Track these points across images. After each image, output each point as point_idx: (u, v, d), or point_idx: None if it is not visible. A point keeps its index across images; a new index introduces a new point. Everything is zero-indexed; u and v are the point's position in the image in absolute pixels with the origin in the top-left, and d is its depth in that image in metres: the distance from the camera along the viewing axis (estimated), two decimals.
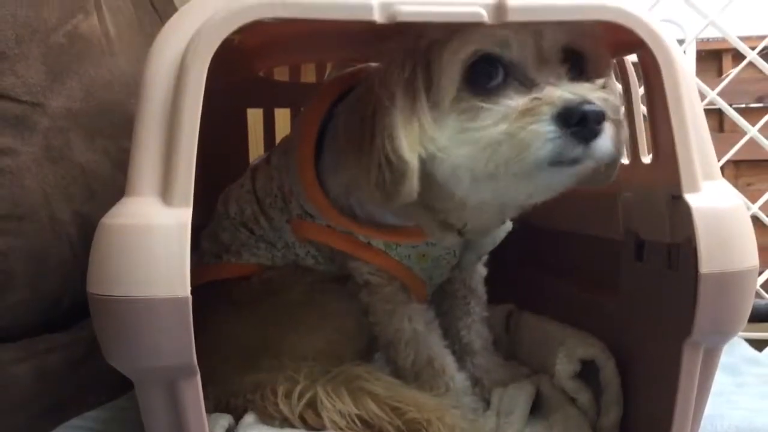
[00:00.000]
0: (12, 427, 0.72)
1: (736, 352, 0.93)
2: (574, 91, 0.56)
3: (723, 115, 1.56)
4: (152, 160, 0.51)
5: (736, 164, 1.81)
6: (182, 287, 0.48)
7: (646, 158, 0.67)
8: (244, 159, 1.11)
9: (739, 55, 1.25)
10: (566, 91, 0.56)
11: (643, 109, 0.67)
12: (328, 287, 0.78)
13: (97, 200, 0.81)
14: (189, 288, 0.48)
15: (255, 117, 1.14)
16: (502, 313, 0.92)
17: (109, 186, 0.82)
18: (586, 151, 0.56)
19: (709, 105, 1.20)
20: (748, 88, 1.78)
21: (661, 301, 0.62)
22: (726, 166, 1.49)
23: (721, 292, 0.55)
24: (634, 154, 0.68)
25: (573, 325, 0.78)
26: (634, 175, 0.68)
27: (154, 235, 0.49)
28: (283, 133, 1.08)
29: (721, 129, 1.82)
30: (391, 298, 0.75)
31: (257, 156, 1.08)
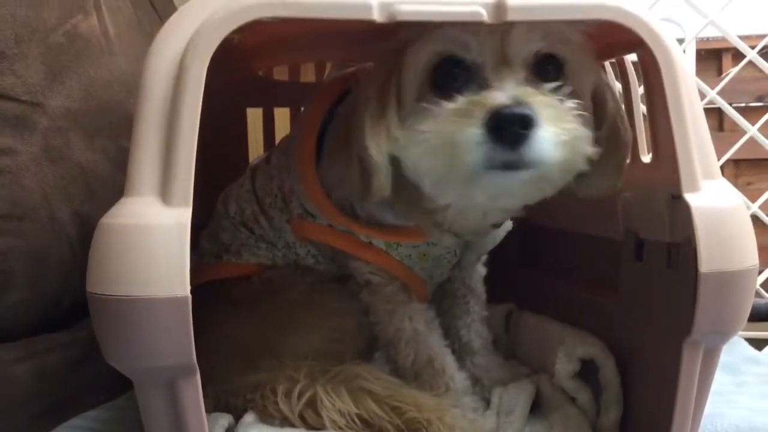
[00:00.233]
0: (12, 427, 0.72)
1: (736, 351, 0.92)
2: (515, 95, 0.55)
3: (723, 114, 1.56)
4: (152, 159, 0.51)
5: (736, 163, 1.80)
6: (182, 287, 0.48)
7: (646, 158, 0.67)
8: (244, 158, 1.11)
9: (738, 54, 1.25)
10: (506, 95, 0.55)
11: (643, 109, 0.67)
12: (328, 287, 0.78)
13: (97, 200, 0.81)
14: (189, 288, 0.48)
15: (254, 116, 1.13)
16: (502, 313, 0.92)
17: (109, 186, 0.82)
18: (517, 156, 0.54)
19: (709, 104, 1.20)
20: (747, 87, 1.77)
21: (661, 301, 0.62)
22: (726, 166, 1.49)
23: (720, 292, 0.55)
24: (634, 153, 0.68)
25: (572, 325, 0.78)
26: (633, 175, 0.68)
27: (153, 235, 0.49)
28: (283, 133, 1.08)
29: (720, 128, 1.81)
30: (392, 298, 0.75)
31: (257, 156, 1.08)
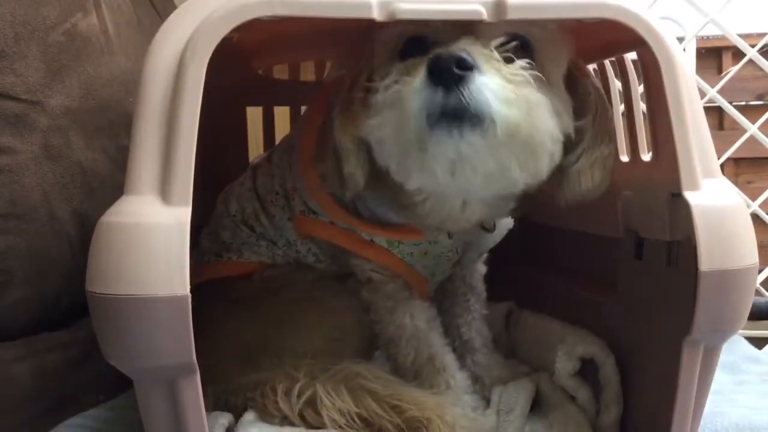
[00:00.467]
0: (12, 426, 0.72)
1: (736, 350, 0.92)
2: (458, 46, 0.54)
3: (723, 112, 1.56)
4: (151, 158, 0.51)
5: (736, 162, 1.80)
6: (181, 286, 0.48)
7: (646, 156, 0.67)
8: (244, 157, 1.11)
9: (739, 53, 1.25)
10: (448, 47, 0.54)
11: (643, 107, 0.67)
12: (328, 285, 0.78)
13: (97, 199, 0.80)
14: (188, 286, 0.48)
15: (254, 115, 1.13)
16: (502, 312, 0.92)
17: (108, 184, 0.82)
18: (456, 100, 0.53)
19: (709, 103, 1.21)
20: (747, 86, 1.77)
21: (661, 300, 0.62)
22: (726, 164, 1.49)
23: (720, 290, 0.54)
24: (634, 152, 0.68)
25: (572, 324, 0.78)
26: (633, 174, 0.68)
27: (153, 234, 0.49)
28: (283, 132, 1.08)
29: (720, 127, 1.82)
30: (393, 295, 0.75)
31: (257, 154, 1.07)
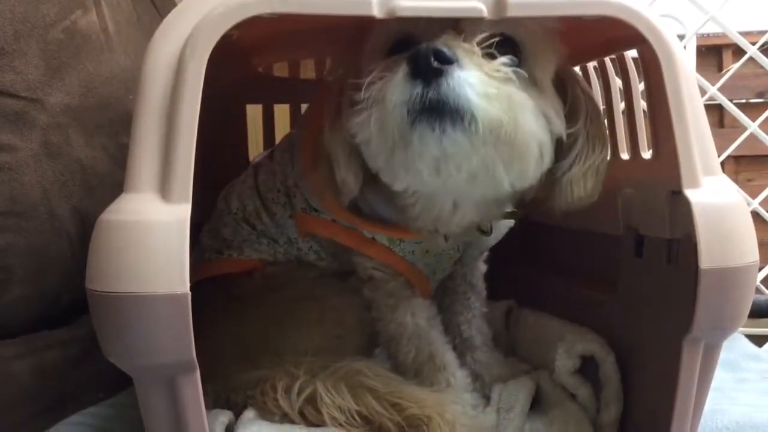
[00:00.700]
0: (11, 424, 0.72)
1: (736, 347, 0.92)
2: (439, 41, 0.54)
3: (723, 110, 1.56)
4: (151, 156, 0.50)
5: (737, 160, 1.81)
6: (181, 283, 0.48)
7: (647, 154, 0.67)
8: (244, 155, 1.10)
9: (739, 51, 1.25)
10: (429, 43, 0.54)
11: (643, 105, 0.67)
12: (329, 283, 0.78)
13: (96, 196, 0.80)
14: (188, 284, 0.48)
15: (254, 113, 1.13)
16: (502, 310, 0.92)
17: (108, 182, 0.82)
18: (435, 93, 0.53)
19: (710, 100, 1.20)
20: (748, 84, 1.78)
21: (661, 297, 0.62)
22: (726, 162, 1.49)
23: (721, 288, 0.54)
24: (634, 149, 0.68)
25: (572, 322, 0.78)
26: (634, 171, 0.68)
27: (153, 231, 0.48)
28: (283, 130, 1.08)
29: (721, 124, 1.82)
30: (395, 293, 0.75)
31: (256, 152, 1.08)
